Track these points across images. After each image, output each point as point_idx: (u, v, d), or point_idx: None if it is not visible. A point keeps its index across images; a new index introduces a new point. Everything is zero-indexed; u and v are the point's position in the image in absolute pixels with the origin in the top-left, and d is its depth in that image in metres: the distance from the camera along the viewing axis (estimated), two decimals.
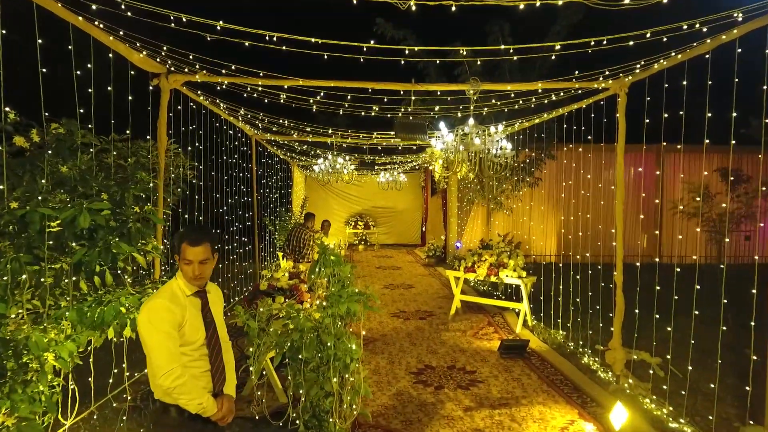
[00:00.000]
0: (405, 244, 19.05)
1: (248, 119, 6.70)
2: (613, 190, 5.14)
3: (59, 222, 2.55)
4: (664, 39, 3.82)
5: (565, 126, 6.25)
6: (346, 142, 8.84)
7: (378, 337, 6.67)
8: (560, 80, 4.85)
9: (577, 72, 4.76)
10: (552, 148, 12.21)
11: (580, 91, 5.01)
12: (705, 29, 3.57)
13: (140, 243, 3.32)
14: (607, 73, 4.69)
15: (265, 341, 2.86)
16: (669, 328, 4.67)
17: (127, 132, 4.60)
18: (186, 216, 7.15)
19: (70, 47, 3.38)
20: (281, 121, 6.48)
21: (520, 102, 5.28)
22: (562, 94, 5.29)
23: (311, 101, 5.08)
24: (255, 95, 5.36)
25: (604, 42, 4.33)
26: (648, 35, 4.06)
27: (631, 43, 3.97)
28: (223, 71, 4.57)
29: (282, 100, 5.15)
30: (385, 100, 4.74)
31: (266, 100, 5.31)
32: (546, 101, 5.42)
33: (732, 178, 12.52)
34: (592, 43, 4.07)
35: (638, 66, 4.39)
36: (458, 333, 6.82)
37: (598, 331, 6.12)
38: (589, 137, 5.55)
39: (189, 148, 7.16)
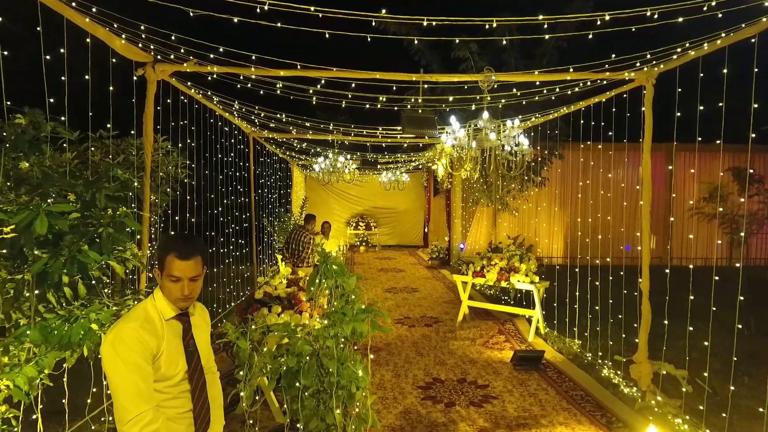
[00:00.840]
0: (407, 245, 18.66)
1: (243, 114, 6.30)
2: (622, 190, 4.75)
3: (12, 227, 2.16)
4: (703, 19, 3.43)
5: (579, 122, 5.86)
6: (349, 139, 8.45)
7: (382, 346, 6.27)
8: (588, 70, 4.45)
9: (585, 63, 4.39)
10: (560, 147, 11.83)
11: (605, 82, 4.61)
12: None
13: (116, 250, 2.93)
14: (636, 65, 4.31)
15: (258, 363, 2.46)
16: (690, 329, 4.28)
17: (108, 126, 4.22)
18: (177, 218, 6.76)
19: (44, 28, 2.99)
20: (278, 115, 6.08)
21: (546, 90, 4.86)
22: (581, 85, 4.89)
23: (310, 91, 4.68)
24: (249, 85, 4.96)
25: (633, 30, 3.96)
26: (680, 20, 3.68)
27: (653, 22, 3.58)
28: (212, 55, 4.17)
29: (278, 91, 4.75)
30: (394, 88, 4.33)
31: (261, 92, 4.91)
32: (561, 90, 5.03)
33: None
34: (604, 17, 3.67)
35: (672, 55, 3.99)
36: (467, 342, 6.42)
37: (618, 339, 5.72)
38: (610, 133, 5.15)
39: (180, 145, 6.77)
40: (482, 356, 5.88)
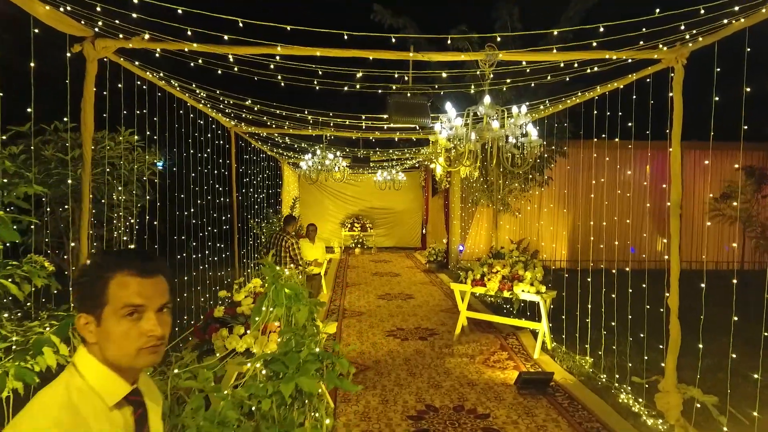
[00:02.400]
0: (404, 247, 17.98)
1: (208, 99, 5.61)
2: (629, 188, 4.08)
3: None
4: None
5: (593, 112, 5.19)
6: (331, 132, 7.77)
7: (370, 364, 5.60)
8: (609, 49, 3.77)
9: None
10: (564, 144, 11.17)
11: (630, 60, 3.93)
12: None
13: (9, 265, 2.26)
14: (662, 47, 3.63)
15: (177, 424, 1.78)
16: (700, 346, 3.62)
17: (66, 119, 3.54)
18: (134, 220, 6.11)
19: None
20: (248, 102, 5.39)
21: (554, 72, 4.21)
22: (594, 69, 4.22)
23: (279, 77, 4.02)
24: (219, 72, 4.28)
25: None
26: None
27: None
28: (157, 25, 3.50)
29: (235, 70, 4.07)
30: (376, 76, 3.64)
31: (219, 71, 4.23)
32: (574, 71, 4.36)
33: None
34: None
35: (698, 36, 3.31)
36: (465, 359, 5.74)
37: (636, 357, 5.04)
38: (629, 124, 4.48)
39: (138, 137, 6.09)
40: (482, 377, 5.20)
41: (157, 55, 4.01)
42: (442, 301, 9.10)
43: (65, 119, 4.99)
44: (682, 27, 3.38)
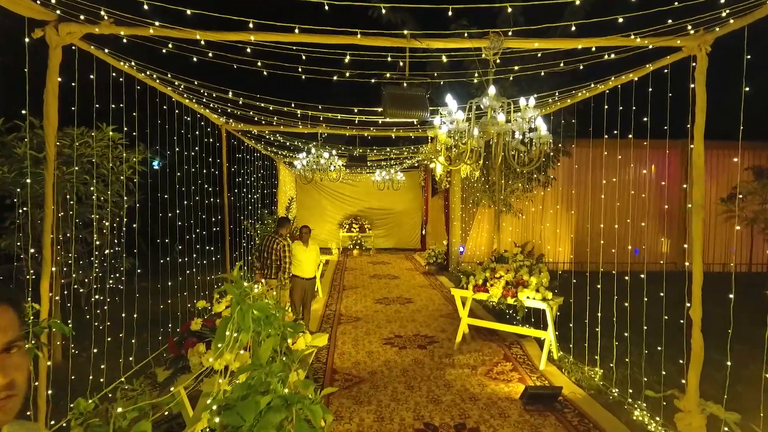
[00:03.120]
0: (403, 248, 17.63)
1: (190, 91, 5.26)
2: (631, 188, 3.74)
3: None
4: None
5: (603, 106, 4.84)
6: (323, 131, 7.41)
7: (365, 376, 5.25)
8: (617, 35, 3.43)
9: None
10: (571, 143, 10.82)
11: (650, 47, 3.58)
12: None
13: None
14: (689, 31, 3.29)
15: None
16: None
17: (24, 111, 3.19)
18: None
19: None
20: (230, 95, 5.03)
21: (577, 57, 3.86)
22: (612, 55, 3.88)
23: (259, 63, 3.67)
24: (195, 59, 3.94)
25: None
26: None
27: None
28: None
29: (209, 55, 3.72)
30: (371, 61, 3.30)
31: (195, 59, 3.88)
32: (586, 60, 4.02)
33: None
34: None
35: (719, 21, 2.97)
36: (467, 370, 5.40)
37: (649, 367, 4.70)
38: (645, 119, 4.13)
39: (118, 134, 5.76)
40: (485, 390, 4.85)
41: (125, 40, 3.66)
42: (442, 306, 8.76)
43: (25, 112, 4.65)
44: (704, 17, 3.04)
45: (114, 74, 4.30)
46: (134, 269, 6.55)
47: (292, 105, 4.97)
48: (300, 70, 3.80)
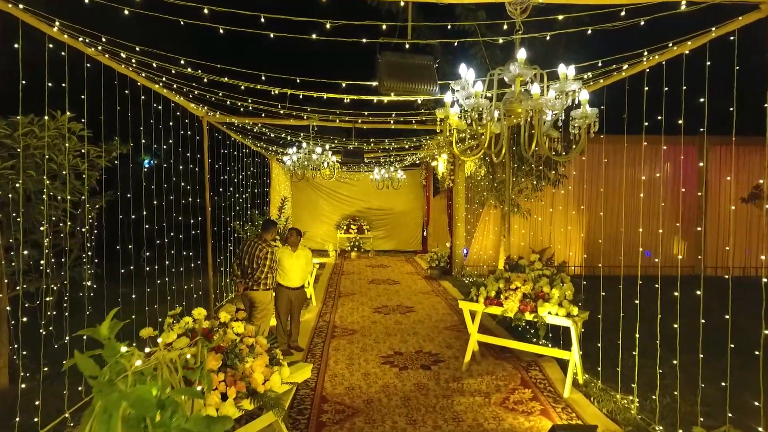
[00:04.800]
0: (404, 250, 16.85)
1: (144, 67, 4.48)
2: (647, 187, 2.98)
3: None
4: None
5: (642, 88, 4.07)
6: (315, 123, 6.63)
7: (360, 405, 4.48)
8: None
9: None
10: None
11: (708, 2, 2.80)
12: None
13: None
14: None
15: None
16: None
17: None
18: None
19: None
20: (199, 71, 4.25)
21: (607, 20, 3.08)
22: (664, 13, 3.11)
23: (220, 30, 2.90)
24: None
25: None
26: None
27: None
28: None
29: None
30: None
31: (124, 11, 3.10)
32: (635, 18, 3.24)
33: None
34: None
35: None
36: (479, 398, 4.62)
37: (685, 391, 3.92)
38: (680, 104, 3.36)
39: (79, 124, 4.99)
40: (502, 426, 4.08)
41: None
42: (447, 316, 7.98)
43: None
44: None
45: (49, 44, 3.53)
46: (96, 278, 5.78)
47: (263, 77, 4.19)
48: (272, 36, 3.03)
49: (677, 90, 3.62)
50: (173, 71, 4.36)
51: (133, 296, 5.24)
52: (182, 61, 4.11)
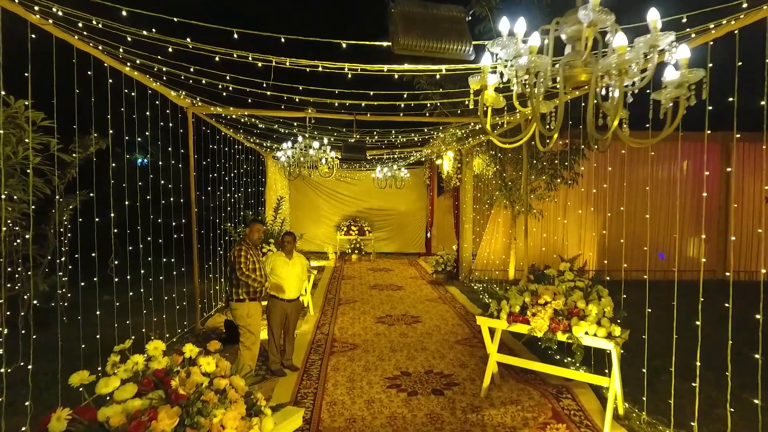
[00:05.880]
0: (407, 252, 16.13)
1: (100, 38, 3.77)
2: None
3: None
4: None
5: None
6: (312, 115, 5.91)
7: None
8: None
9: None
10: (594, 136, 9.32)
11: None
12: None
13: None
14: None
15: None
16: None
17: None
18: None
19: None
20: (165, 49, 3.53)
21: None
22: None
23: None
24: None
25: None
26: None
27: None
28: None
29: None
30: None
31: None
32: None
33: None
34: None
35: None
36: None
37: (738, 418, 3.22)
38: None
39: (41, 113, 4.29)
40: None
41: None
42: (457, 327, 7.26)
43: None
44: None
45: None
46: (55, 289, 5.08)
47: (249, 58, 3.44)
48: None
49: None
50: (126, 38, 3.64)
51: (98, 313, 4.53)
52: (145, 32, 3.40)
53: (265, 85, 4.70)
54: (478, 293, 9.61)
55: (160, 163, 5.70)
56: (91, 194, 5.55)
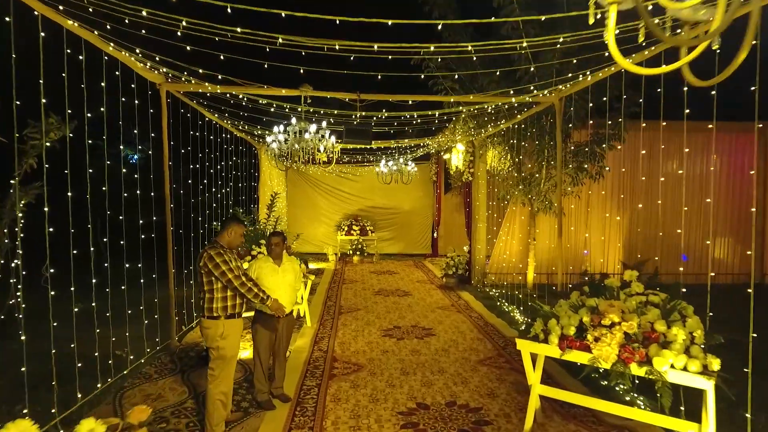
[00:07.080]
0: (412, 254, 15.12)
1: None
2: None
3: None
4: None
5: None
6: (309, 93, 4.90)
7: None
8: None
9: None
10: (624, 125, 8.32)
11: None
12: None
13: None
14: None
15: None
16: None
17: None
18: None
19: None
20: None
21: None
22: None
23: None
24: None
25: None
26: None
27: None
28: None
29: None
30: None
31: None
32: None
33: None
34: None
35: None
36: None
37: None
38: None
39: None
40: None
41: None
42: (477, 342, 6.24)
43: None
44: None
45: None
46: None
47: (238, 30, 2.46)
48: None
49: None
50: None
51: (55, 323, 3.51)
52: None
53: (238, 29, 3.69)
54: (495, 300, 8.60)
55: (127, 153, 4.69)
56: (43, 186, 4.55)
